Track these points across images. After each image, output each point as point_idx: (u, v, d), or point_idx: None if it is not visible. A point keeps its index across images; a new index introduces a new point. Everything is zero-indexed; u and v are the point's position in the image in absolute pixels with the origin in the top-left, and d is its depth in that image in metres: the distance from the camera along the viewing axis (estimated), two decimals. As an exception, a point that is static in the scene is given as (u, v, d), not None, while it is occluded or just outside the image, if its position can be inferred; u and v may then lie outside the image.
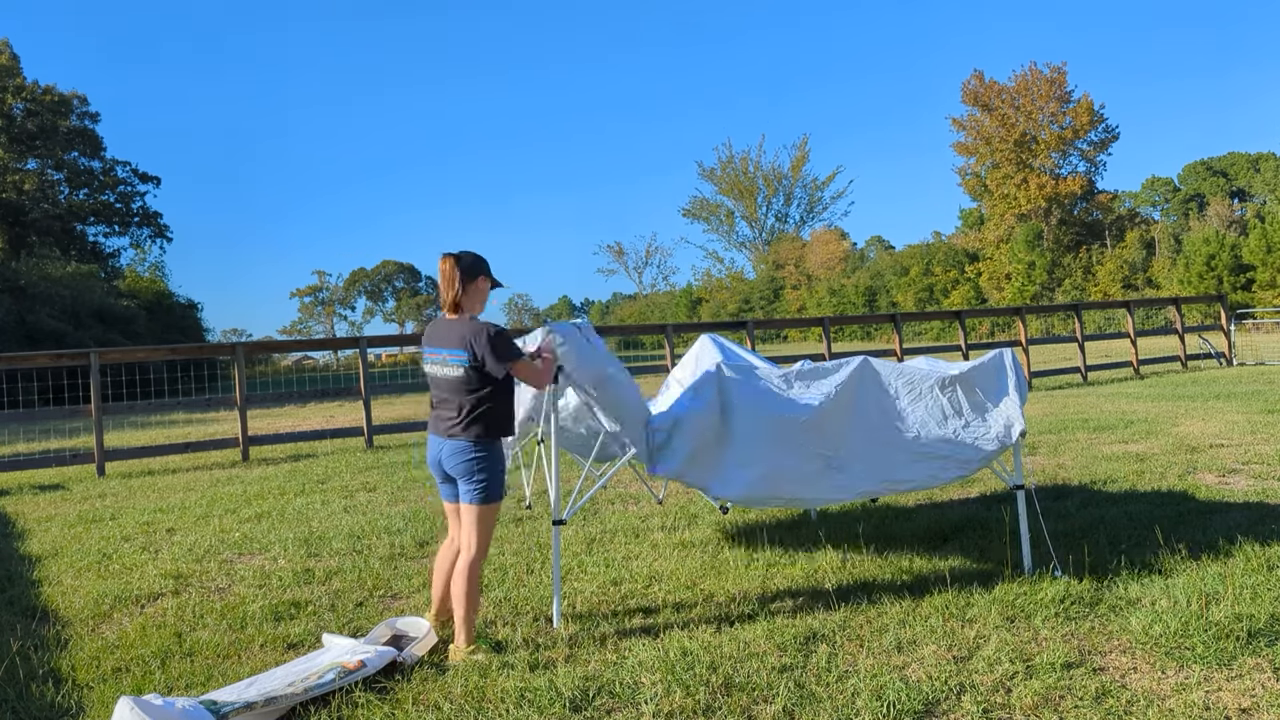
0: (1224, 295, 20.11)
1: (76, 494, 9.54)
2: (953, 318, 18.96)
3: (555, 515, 4.40)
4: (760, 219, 72.09)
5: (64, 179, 46.48)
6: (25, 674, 4.05)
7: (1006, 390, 4.61)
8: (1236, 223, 49.85)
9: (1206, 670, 3.43)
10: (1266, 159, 67.93)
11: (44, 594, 5.45)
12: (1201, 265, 40.14)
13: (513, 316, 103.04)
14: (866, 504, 6.67)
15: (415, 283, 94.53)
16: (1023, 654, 3.67)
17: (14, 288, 31.75)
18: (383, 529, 6.76)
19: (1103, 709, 3.17)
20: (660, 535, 6.07)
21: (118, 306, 37.78)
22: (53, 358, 12.30)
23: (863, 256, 68.59)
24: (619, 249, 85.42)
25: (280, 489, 9.02)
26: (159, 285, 47.65)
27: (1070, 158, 52.71)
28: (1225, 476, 7.08)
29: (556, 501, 4.40)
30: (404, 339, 25.12)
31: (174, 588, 5.44)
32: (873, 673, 3.55)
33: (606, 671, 3.70)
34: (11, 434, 16.73)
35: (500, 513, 7.13)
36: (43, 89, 43.43)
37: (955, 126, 55.10)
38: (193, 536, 6.91)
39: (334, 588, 5.27)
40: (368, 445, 12.47)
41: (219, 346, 14.36)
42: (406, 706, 3.49)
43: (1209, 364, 18.85)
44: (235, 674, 3.95)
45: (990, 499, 6.68)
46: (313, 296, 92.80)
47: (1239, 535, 5.17)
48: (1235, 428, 9.51)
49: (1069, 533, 5.50)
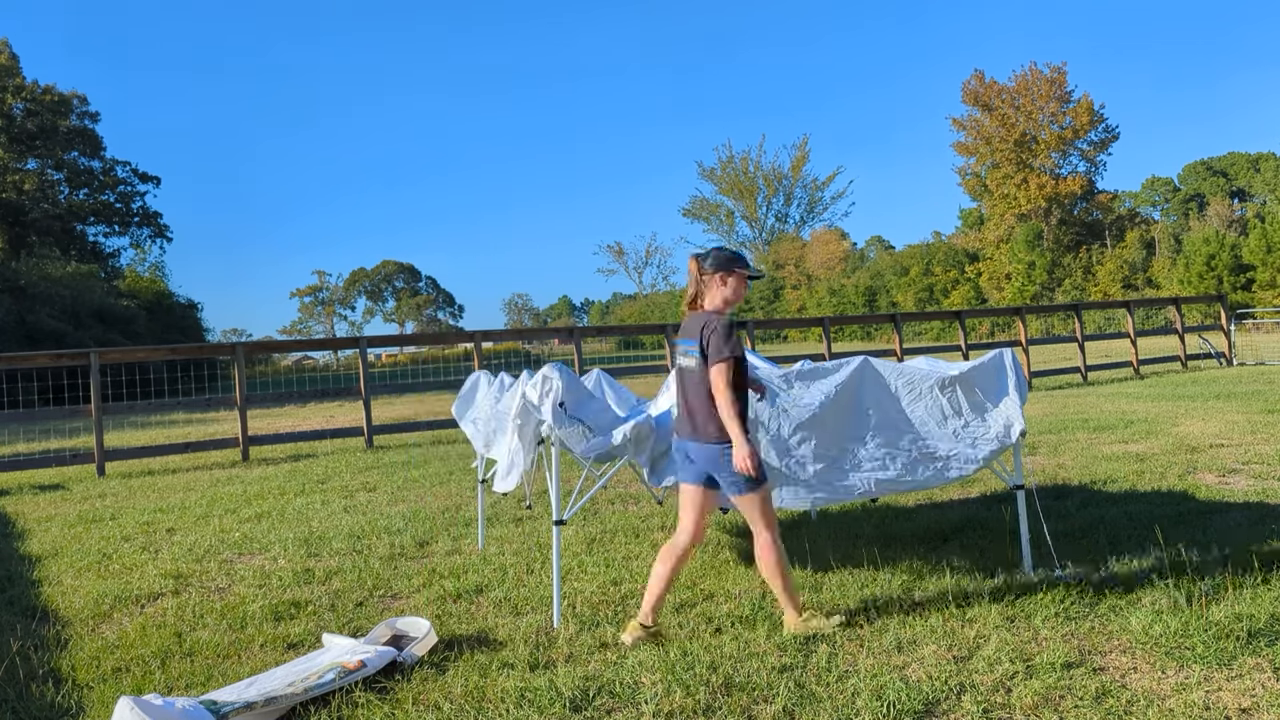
0: (1224, 295, 20.12)
1: (76, 494, 9.54)
2: (953, 318, 18.97)
3: (556, 515, 4.41)
4: (760, 219, 72.09)
5: (64, 179, 46.48)
6: (25, 674, 4.05)
7: (1006, 390, 4.61)
8: (1236, 223, 49.86)
9: (1206, 670, 3.43)
10: (1266, 159, 67.94)
11: (44, 594, 5.45)
12: (1201, 265, 40.14)
13: (513, 316, 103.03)
14: (867, 504, 6.67)
15: (415, 283, 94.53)
16: (1023, 654, 3.67)
17: (14, 288, 31.75)
18: (383, 529, 6.77)
19: (1103, 709, 3.17)
20: (660, 535, 6.07)
21: (118, 306, 37.78)
22: (53, 358, 12.30)
23: (863, 256, 68.62)
24: (619, 249, 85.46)
25: (280, 489, 9.03)
26: (159, 285, 47.66)
27: (1070, 158, 52.72)
28: (1225, 476, 7.08)
29: (557, 501, 4.40)
30: (404, 339, 25.10)
31: (174, 588, 5.44)
32: (873, 672, 3.55)
33: (606, 671, 3.70)
34: (11, 434, 16.73)
35: (502, 512, 7.13)
36: (42, 89, 43.43)
37: (955, 126, 55.12)
38: (193, 536, 6.91)
39: (334, 588, 5.28)
40: (368, 445, 12.47)
41: (219, 346, 14.37)
42: (406, 706, 3.49)
43: (1209, 364, 18.85)
44: (235, 674, 3.95)
45: (990, 499, 6.68)
46: (313, 296, 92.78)
47: (1239, 535, 5.17)
48: (1235, 428, 9.51)
49: (1069, 533, 5.50)
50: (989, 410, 4.59)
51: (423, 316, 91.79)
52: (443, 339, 29.80)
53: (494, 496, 7.86)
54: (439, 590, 5.03)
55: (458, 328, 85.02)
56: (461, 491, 8.34)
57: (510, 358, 33.84)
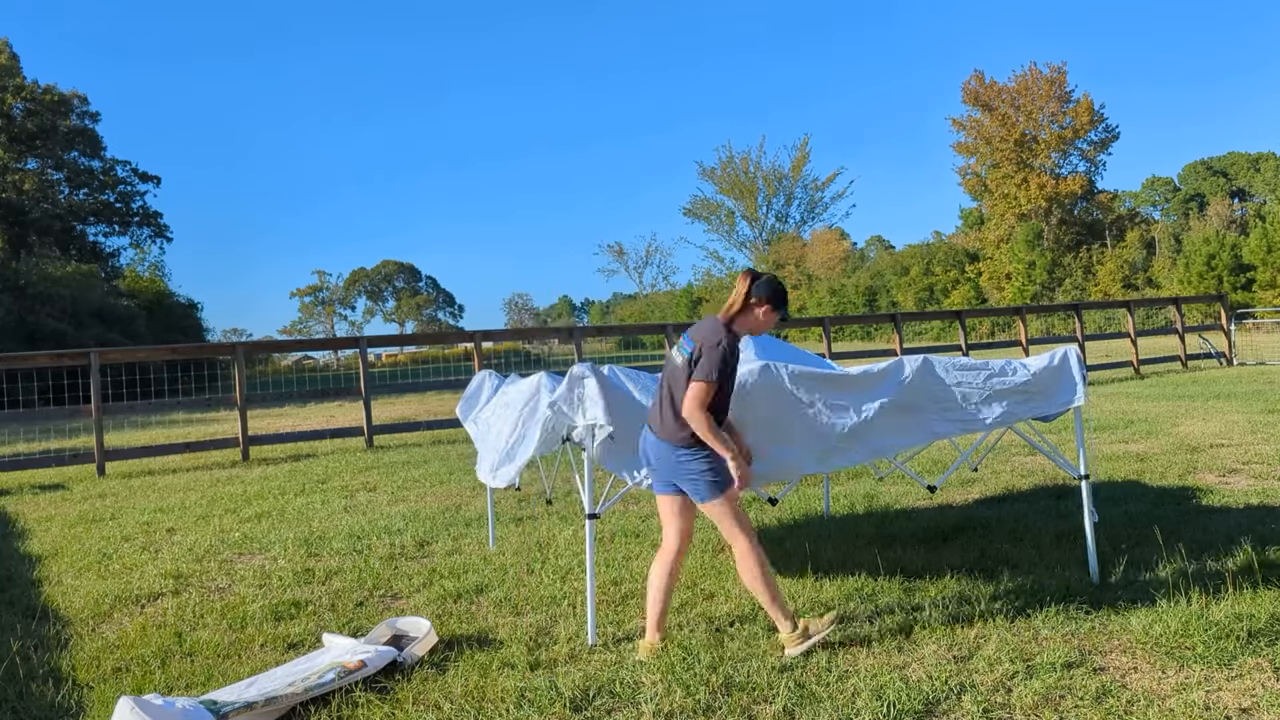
0: (1224, 295, 20.12)
1: (77, 494, 9.54)
2: (953, 317, 18.97)
3: (589, 509, 4.24)
4: (760, 219, 72.02)
5: (64, 179, 46.47)
6: (25, 674, 4.05)
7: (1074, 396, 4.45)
8: (1236, 222, 49.87)
9: (1207, 670, 3.43)
10: (1266, 159, 67.90)
11: (44, 594, 5.45)
12: (1201, 265, 40.13)
13: (513, 316, 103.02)
14: (867, 505, 6.67)
15: (415, 282, 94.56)
16: (1023, 654, 3.67)
17: (14, 288, 31.77)
18: (383, 529, 6.77)
19: (1103, 709, 3.17)
20: (660, 535, 6.07)
21: (118, 306, 37.81)
22: (53, 358, 12.31)
23: (863, 256, 68.57)
24: (619, 249, 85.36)
25: (280, 489, 9.03)
26: (159, 285, 47.68)
27: (1070, 157, 52.70)
28: (1225, 476, 7.08)
29: (590, 495, 4.23)
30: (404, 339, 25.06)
31: (174, 587, 5.44)
32: (873, 672, 3.55)
33: (606, 671, 3.71)
34: (11, 434, 16.73)
35: (502, 511, 7.13)
36: (42, 88, 43.40)
37: (955, 126, 55.08)
38: (193, 536, 6.92)
39: (334, 588, 5.28)
40: (368, 445, 12.47)
41: (219, 346, 14.38)
42: (406, 706, 3.49)
43: (1209, 364, 18.84)
44: (235, 674, 3.95)
45: (990, 499, 6.69)
46: (313, 296, 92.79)
47: (1239, 535, 5.17)
48: (1235, 427, 9.51)
49: (1069, 532, 5.50)
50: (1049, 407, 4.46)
51: (423, 316, 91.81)
52: (443, 339, 29.84)
53: (495, 495, 7.86)
54: (439, 590, 5.03)
55: (458, 328, 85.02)
56: (461, 491, 8.34)
57: (510, 358, 33.83)
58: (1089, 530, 4.56)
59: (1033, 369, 4.36)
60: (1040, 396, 4.38)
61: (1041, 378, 4.36)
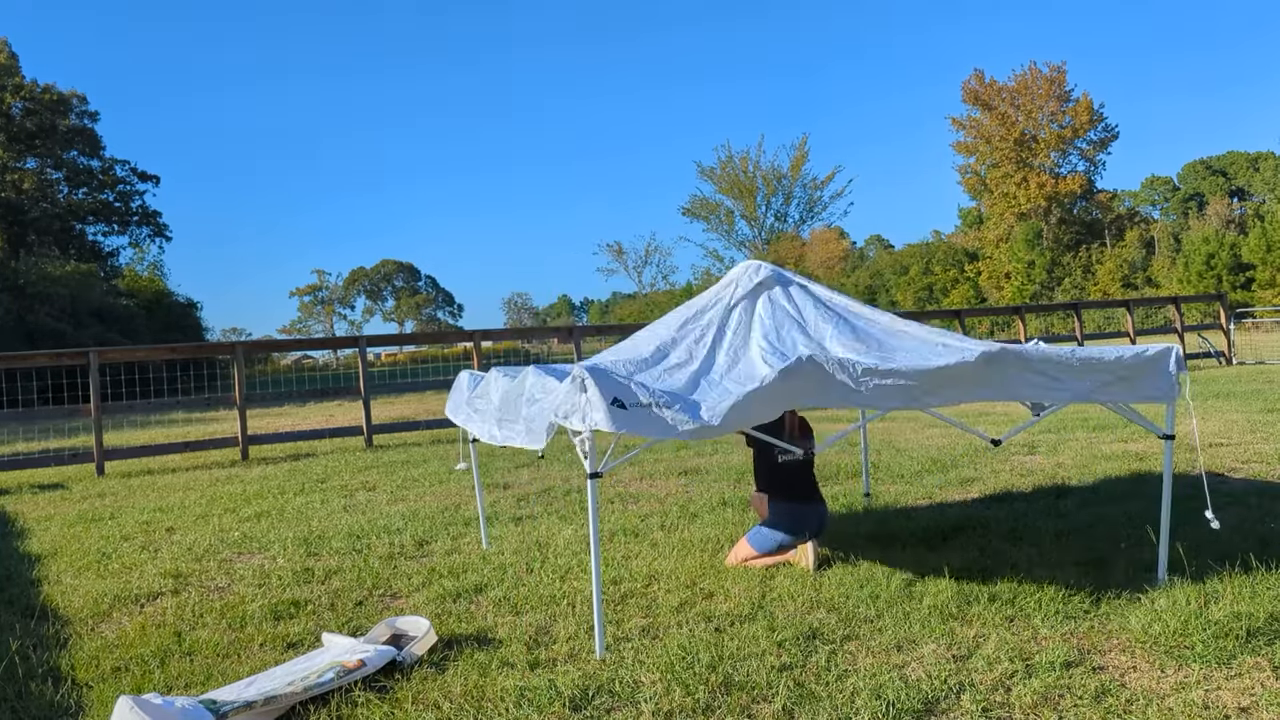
0: (1224, 294, 20.13)
1: (76, 493, 9.54)
2: (952, 317, 18.96)
3: (590, 469, 3.86)
4: (760, 218, 71.98)
5: (63, 178, 46.46)
6: (25, 673, 4.05)
7: (1173, 393, 4.45)
8: (1236, 222, 49.89)
9: (1206, 669, 3.43)
10: (1266, 158, 67.89)
11: (44, 593, 5.45)
12: (1201, 264, 40.16)
13: (512, 315, 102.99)
14: (866, 504, 6.67)
15: (414, 282, 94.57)
16: (1022, 653, 3.67)
17: (13, 287, 31.76)
18: (382, 528, 6.76)
19: (1102, 708, 3.17)
20: (660, 535, 6.07)
21: (117, 306, 37.80)
22: (52, 357, 12.31)
23: (862, 255, 68.61)
24: (618, 248, 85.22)
25: (280, 488, 9.03)
26: (158, 284, 47.68)
27: (1070, 157, 52.75)
28: (1225, 476, 7.08)
29: (593, 456, 3.85)
30: (403, 338, 25.03)
31: (173, 587, 5.44)
32: (872, 672, 3.55)
33: (606, 670, 3.70)
34: (11, 433, 16.73)
35: (502, 511, 7.13)
36: (42, 88, 43.39)
37: (955, 126, 55.13)
38: (192, 536, 6.91)
39: (334, 587, 5.28)
40: (367, 444, 12.47)
41: (219, 346, 14.38)
42: (406, 706, 3.49)
43: (1208, 363, 18.84)
44: (235, 673, 3.95)
45: (989, 499, 6.69)
46: (312, 296, 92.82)
47: (1238, 534, 5.17)
48: (1235, 427, 9.52)
49: (1069, 531, 5.50)
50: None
51: (422, 316, 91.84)
52: (442, 338, 29.80)
53: (494, 495, 7.87)
54: (439, 589, 5.03)
55: (457, 327, 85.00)
56: (461, 491, 8.34)
57: (510, 357, 33.79)
58: (1211, 519, 4.36)
59: (1126, 358, 4.33)
60: (1126, 385, 4.37)
61: (1132, 366, 4.35)
